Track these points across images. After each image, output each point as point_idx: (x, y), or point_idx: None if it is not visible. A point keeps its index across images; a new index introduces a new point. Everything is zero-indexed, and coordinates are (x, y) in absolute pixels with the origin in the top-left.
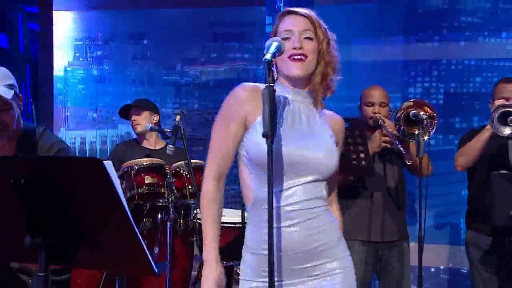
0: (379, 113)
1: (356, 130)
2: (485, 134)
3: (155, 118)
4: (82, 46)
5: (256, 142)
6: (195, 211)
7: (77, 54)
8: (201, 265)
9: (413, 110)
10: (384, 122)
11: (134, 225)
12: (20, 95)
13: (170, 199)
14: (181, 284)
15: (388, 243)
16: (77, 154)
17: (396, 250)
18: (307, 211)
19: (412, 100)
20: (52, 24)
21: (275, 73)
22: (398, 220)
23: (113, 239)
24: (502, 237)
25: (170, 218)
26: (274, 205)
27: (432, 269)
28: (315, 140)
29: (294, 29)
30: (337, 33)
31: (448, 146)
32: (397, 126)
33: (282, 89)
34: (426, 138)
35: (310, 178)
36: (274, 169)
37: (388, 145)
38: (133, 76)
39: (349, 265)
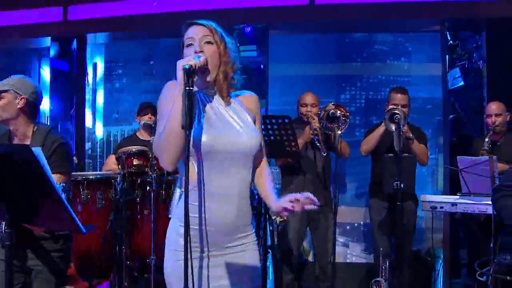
0: (310, 111)
1: (287, 125)
2: (380, 129)
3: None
4: (109, 66)
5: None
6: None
7: (106, 72)
8: None
9: (331, 110)
10: (313, 119)
11: (62, 197)
12: (22, 95)
13: (153, 176)
14: (162, 237)
15: (317, 208)
16: (104, 144)
17: (323, 213)
18: (230, 192)
19: (332, 103)
20: (85, 51)
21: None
22: (324, 191)
23: (48, 206)
24: (392, 202)
25: (153, 190)
26: (198, 186)
27: (356, 224)
28: (233, 127)
29: (195, 36)
30: (287, 55)
31: None
32: (321, 122)
33: (198, 91)
34: (340, 131)
35: (237, 162)
36: (196, 156)
37: (315, 137)
38: (144, 88)
39: (254, 240)
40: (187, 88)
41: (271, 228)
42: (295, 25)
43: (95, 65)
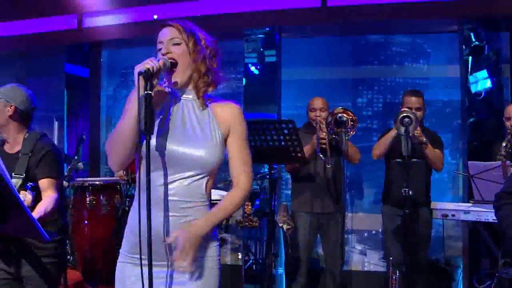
0: (319, 116)
1: (291, 129)
2: (392, 133)
3: None
4: (125, 73)
5: None
6: None
7: (122, 79)
8: None
9: (339, 114)
10: (321, 125)
11: (24, 206)
12: (11, 103)
13: None
14: None
15: (327, 214)
16: None
17: (333, 219)
18: (182, 204)
19: (340, 107)
20: (100, 58)
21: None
22: (334, 197)
23: (10, 213)
24: (402, 208)
25: None
26: (154, 194)
27: (373, 232)
28: (195, 138)
29: (163, 39)
30: (300, 59)
31: None
32: (328, 127)
33: (172, 92)
34: (348, 136)
35: (188, 173)
36: (154, 163)
37: (324, 146)
38: None
39: (213, 264)
40: (145, 92)
41: (283, 235)
42: (307, 28)
43: (111, 71)
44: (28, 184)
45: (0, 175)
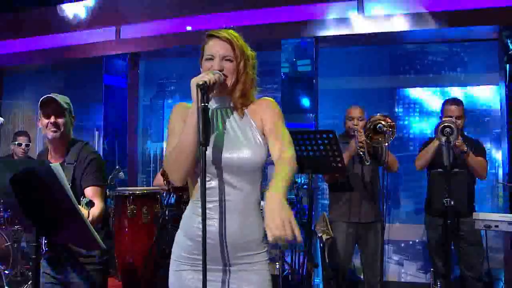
0: (357, 125)
1: (332, 140)
2: (435, 143)
3: None
4: (162, 83)
5: None
6: None
7: (159, 89)
8: None
9: (378, 124)
10: (360, 132)
11: (81, 214)
12: (74, 115)
13: None
14: None
15: (365, 224)
16: (157, 160)
17: (372, 229)
18: (237, 207)
19: (378, 114)
20: (137, 69)
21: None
22: (372, 206)
23: (69, 222)
24: (444, 218)
25: None
26: (201, 200)
27: (410, 242)
28: (239, 142)
29: (216, 53)
30: (337, 69)
31: None
32: (366, 133)
33: (213, 102)
34: (387, 143)
35: (239, 177)
36: (210, 172)
37: (361, 151)
38: None
39: (266, 260)
40: (202, 104)
41: (321, 245)
42: (344, 38)
43: (148, 82)
44: (83, 199)
45: (61, 185)
